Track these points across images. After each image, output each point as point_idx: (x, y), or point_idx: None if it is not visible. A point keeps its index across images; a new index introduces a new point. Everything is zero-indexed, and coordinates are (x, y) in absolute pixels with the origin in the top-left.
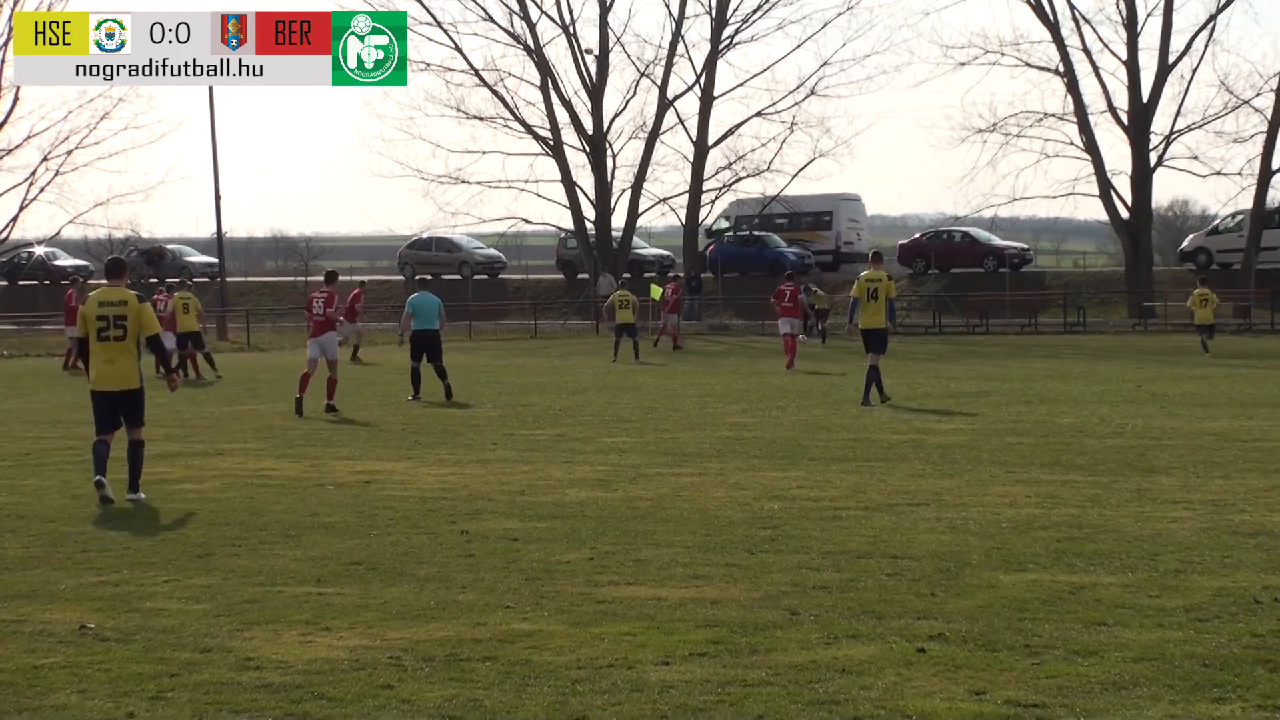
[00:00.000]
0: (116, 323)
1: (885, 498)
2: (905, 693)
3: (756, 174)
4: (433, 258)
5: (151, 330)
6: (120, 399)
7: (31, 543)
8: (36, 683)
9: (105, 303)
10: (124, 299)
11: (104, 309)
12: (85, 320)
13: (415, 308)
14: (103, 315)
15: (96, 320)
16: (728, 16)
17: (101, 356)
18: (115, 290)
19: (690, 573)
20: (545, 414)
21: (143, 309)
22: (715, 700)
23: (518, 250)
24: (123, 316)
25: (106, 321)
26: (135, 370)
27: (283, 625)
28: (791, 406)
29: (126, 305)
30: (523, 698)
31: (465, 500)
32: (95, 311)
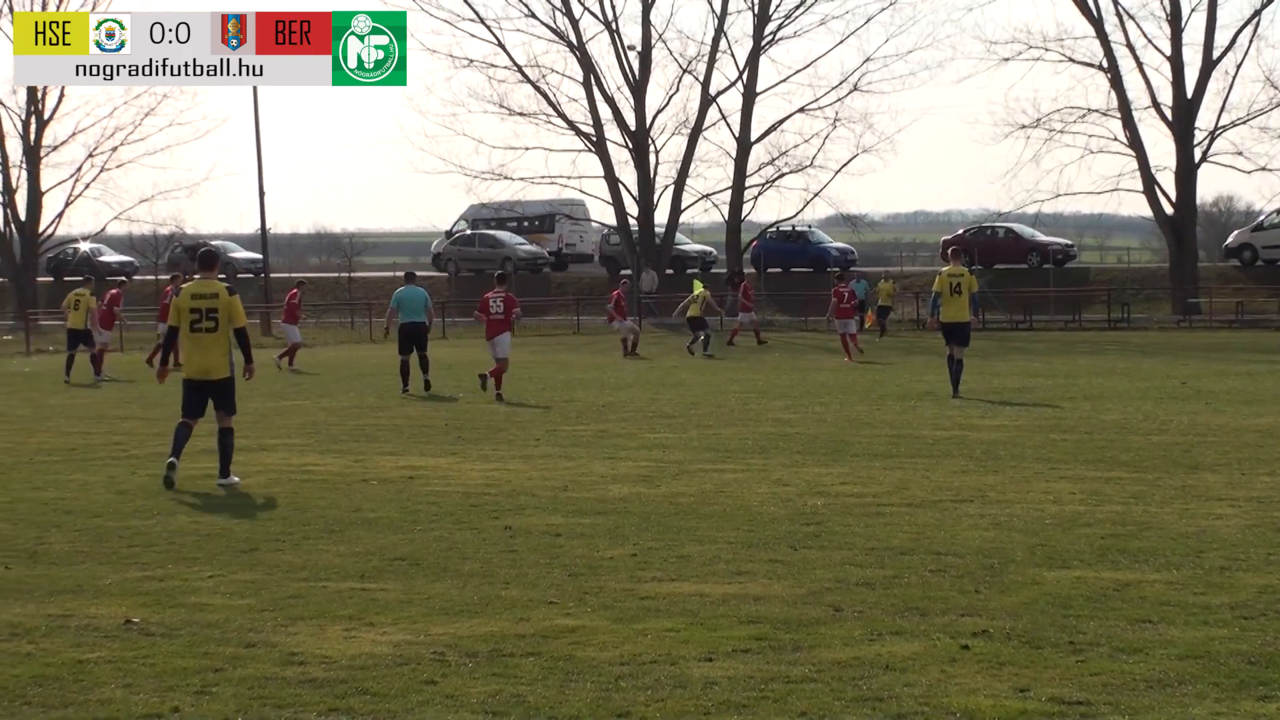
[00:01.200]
0: (209, 314)
1: (929, 494)
2: (949, 690)
3: (799, 170)
4: (476, 254)
5: (239, 322)
6: (211, 388)
7: (77, 538)
8: (82, 677)
9: (198, 295)
10: (215, 291)
11: (196, 301)
12: (179, 312)
13: (401, 301)
14: (195, 308)
15: (190, 312)
16: (770, 12)
17: (194, 347)
18: (207, 283)
19: (733, 569)
20: (588, 410)
21: (233, 301)
22: (758, 697)
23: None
24: (214, 309)
25: (199, 314)
26: (226, 360)
27: (327, 620)
28: (834, 402)
29: (218, 298)
30: (566, 693)
31: (508, 496)
32: (188, 304)
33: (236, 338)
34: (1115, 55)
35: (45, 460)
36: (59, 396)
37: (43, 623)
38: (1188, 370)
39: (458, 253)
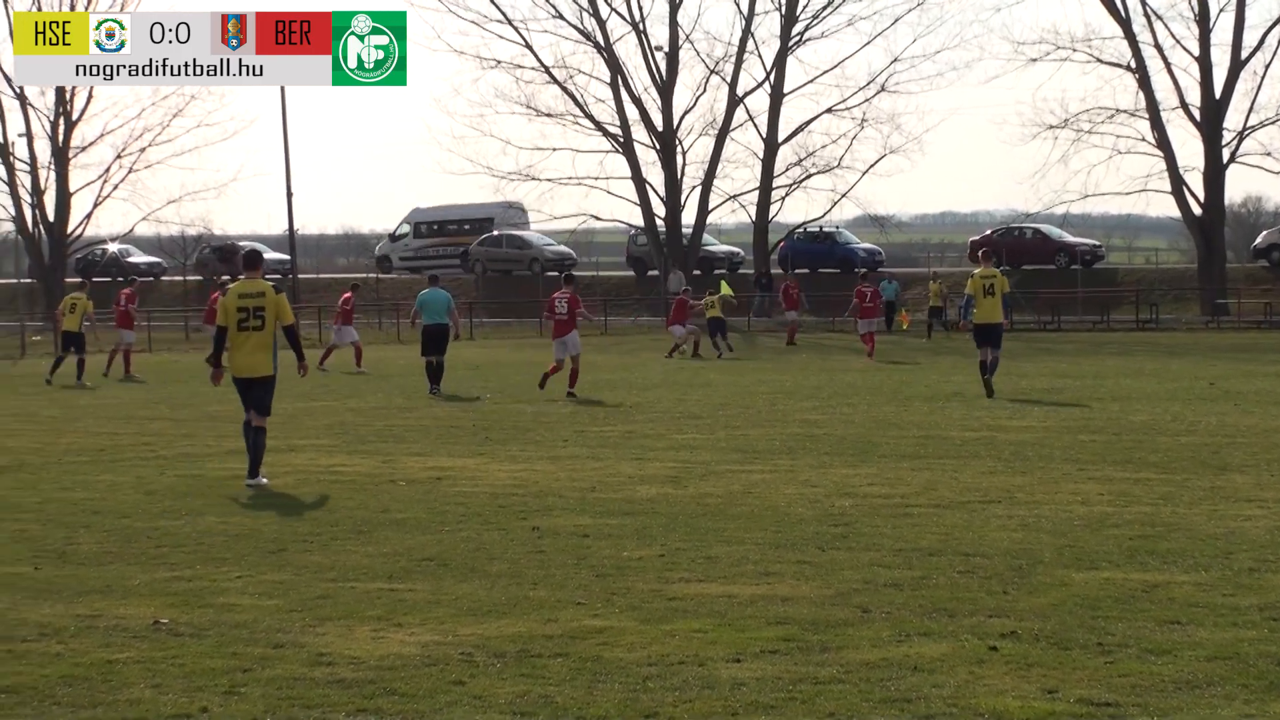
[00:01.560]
0: (256, 313)
1: (957, 495)
2: (977, 691)
3: (827, 170)
4: (503, 254)
5: (288, 320)
6: (254, 384)
7: (106, 538)
8: (111, 677)
9: (245, 294)
10: (262, 290)
11: (244, 300)
12: (226, 312)
13: (424, 303)
14: (243, 307)
15: (237, 312)
16: (797, 13)
17: (241, 346)
18: (253, 283)
19: (761, 570)
20: (616, 410)
21: (279, 299)
22: (786, 698)
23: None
24: (261, 308)
25: (246, 313)
26: (270, 359)
27: (355, 621)
28: (862, 403)
29: (264, 296)
30: (594, 694)
31: (536, 497)
32: (236, 304)
33: (286, 335)
34: (1143, 56)
35: (74, 461)
36: (88, 397)
37: (72, 623)
38: (1216, 371)
39: (485, 253)
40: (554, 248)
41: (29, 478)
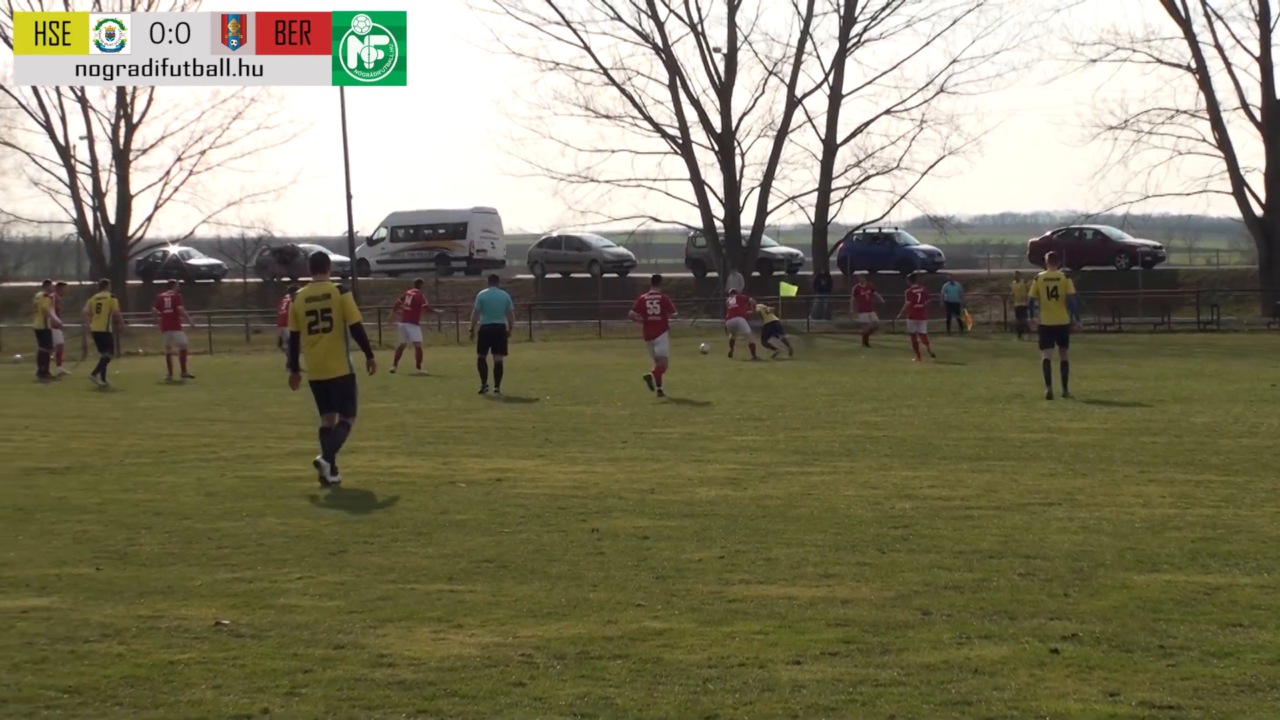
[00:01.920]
0: (323, 315)
1: (1017, 497)
2: (1038, 693)
3: (885, 171)
4: (562, 256)
5: (354, 319)
6: (331, 387)
7: (167, 539)
8: (172, 678)
9: (312, 298)
10: (328, 292)
11: (311, 303)
12: (296, 316)
13: (483, 304)
14: (311, 310)
15: (306, 315)
16: (856, 14)
17: (313, 349)
18: (320, 285)
19: (821, 572)
20: (675, 412)
21: (345, 299)
22: (847, 700)
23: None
24: (328, 309)
25: (315, 315)
26: (344, 359)
27: (415, 622)
28: (922, 405)
29: (330, 298)
30: (654, 696)
31: (596, 498)
32: (304, 307)
33: (354, 335)
34: (1204, 56)
35: (135, 462)
36: (149, 399)
37: (133, 624)
38: (1278, 373)
39: (544, 255)
40: (613, 249)
41: (91, 479)
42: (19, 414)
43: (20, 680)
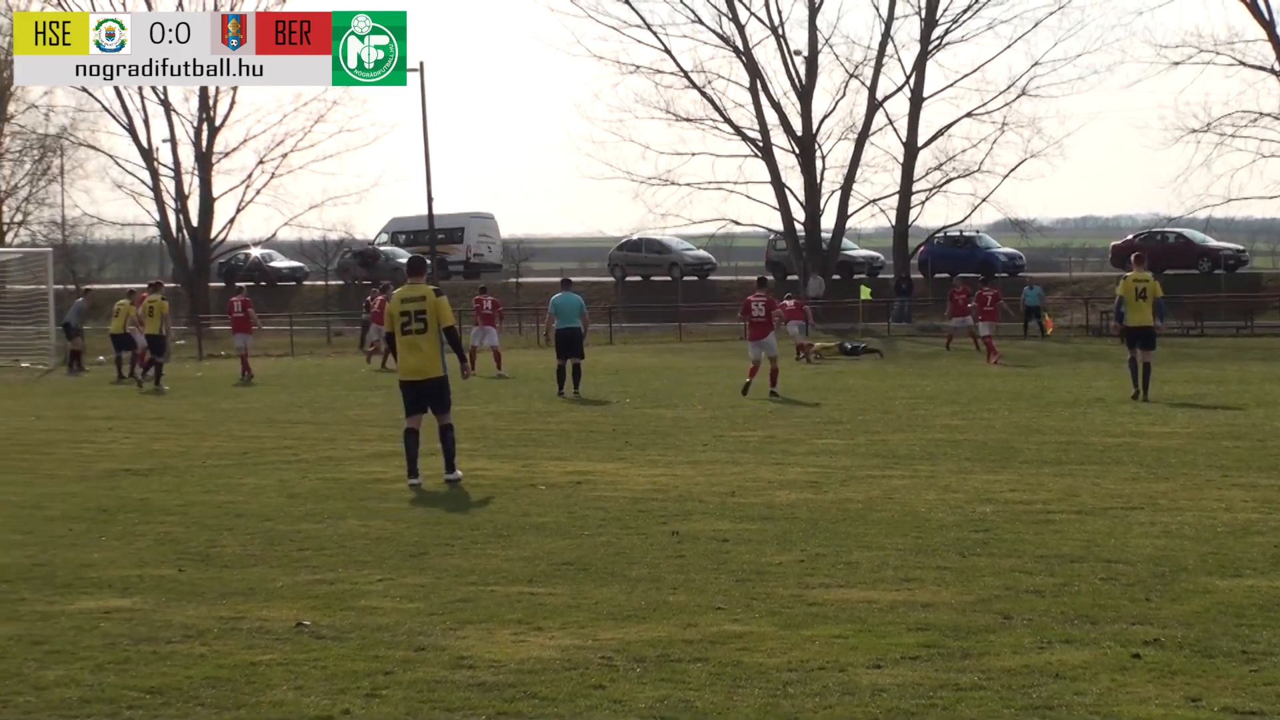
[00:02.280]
0: (417, 316)
1: (1099, 501)
2: (1120, 698)
3: (967, 174)
4: (642, 259)
5: (448, 322)
6: (424, 388)
7: (249, 541)
8: (254, 679)
9: (407, 299)
10: (423, 294)
11: (406, 305)
12: (391, 317)
13: (557, 308)
14: (405, 311)
15: (400, 316)
16: (937, 17)
17: (406, 348)
18: (415, 287)
19: (901, 575)
20: (755, 415)
21: (440, 302)
22: (927, 704)
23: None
24: (422, 311)
25: (409, 316)
26: (438, 361)
27: (495, 624)
28: (1003, 408)
29: (425, 300)
30: (734, 699)
31: (676, 501)
32: (399, 308)
33: (447, 337)
34: None
35: (217, 464)
36: (230, 401)
37: (215, 625)
38: None
39: (624, 258)
40: (693, 252)
41: (173, 481)
42: (102, 416)
43: (103, 681)
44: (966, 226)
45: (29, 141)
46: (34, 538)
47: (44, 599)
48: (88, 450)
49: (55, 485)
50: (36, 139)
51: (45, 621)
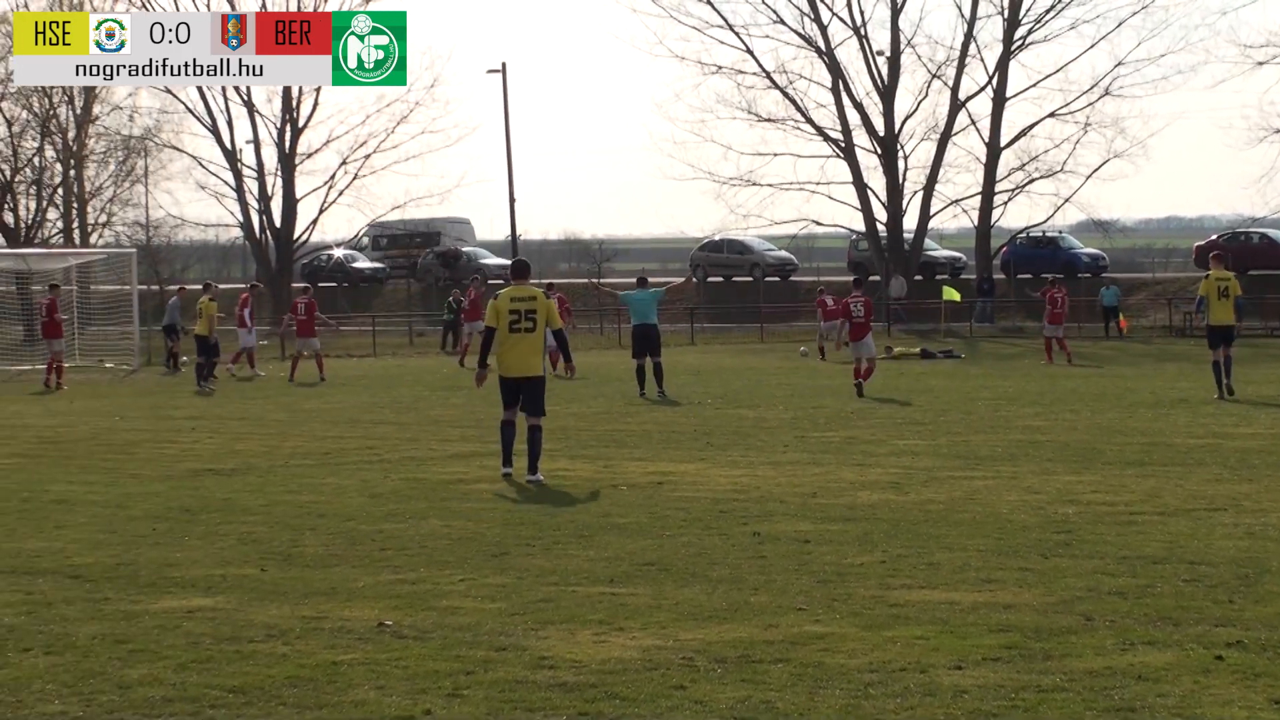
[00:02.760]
0: (527, 316)
1: (1182, 502)
2: (1203, 700)
3: (1049, 175)
4: (724, 260)
5: (557, 324)
6: (524, 386)
7: (331, 541)
8: (336, 679)
9: (517, 298)
10: (533, 295)
11: (515, 304)
12: (498, 314)
13: (630, 302)
14: (514, 310)
15: (509, 314)
16: (1020, 17)
17: (511, 346)
18: (525, 288)
19: (983, 577)
20: (836, 416)
21: (550, 304)
22: (1009, 706)
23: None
24: (533, 311)
25: (518, 315)
26: (539, 360)
27: (577, 625)
28: (1085, 409)
29: (536, 300)
30: (815, 700)
31: (757, 502)
32: (508, 306)
33: (556, 338)
34: None
35: (300, 464)
36: (313, 401)
37: (298, 624)
38: None
39: (706, 259)
40: (775, 253)
41: (256, 480)
42: (185, 416)
43: (186, 680)
44: (1049, 227)
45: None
46: (118, 537)
47: (128, 598)
48: (171, 450)
49: (139, 485)
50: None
51: (129, 621)
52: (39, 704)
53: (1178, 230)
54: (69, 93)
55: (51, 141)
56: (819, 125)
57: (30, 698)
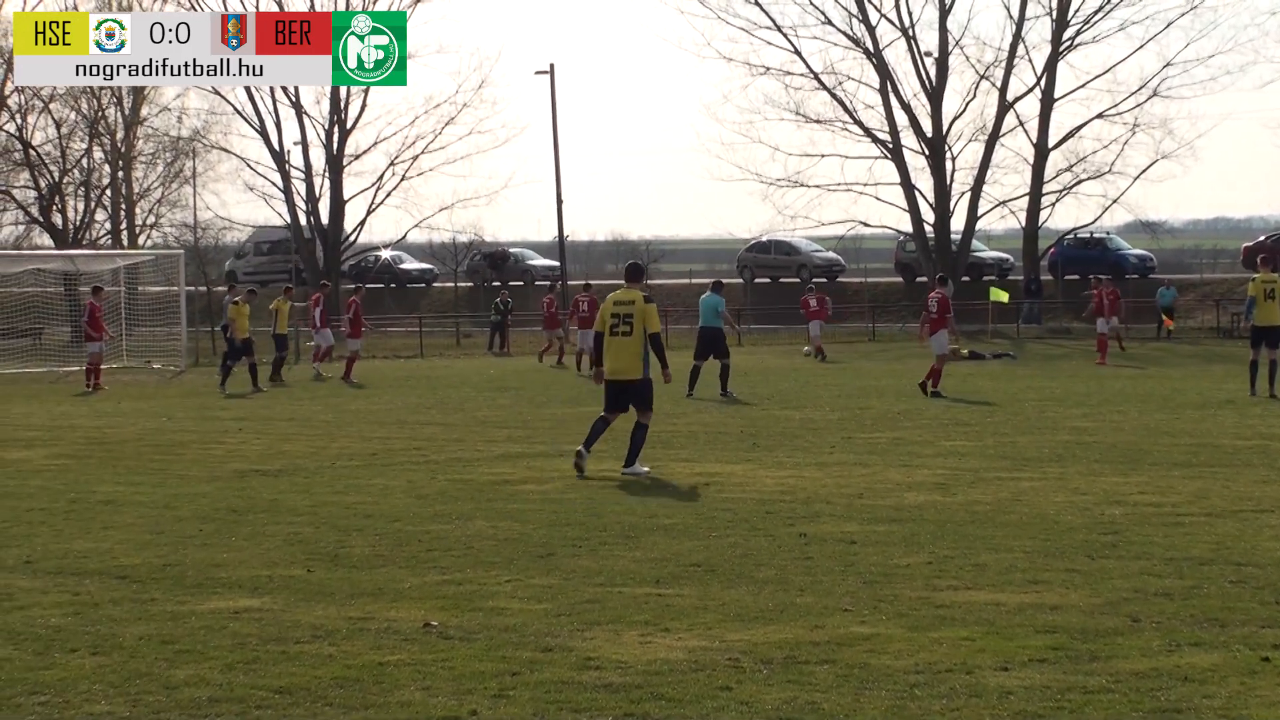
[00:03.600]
0: (625, 320)
1: (1229, 504)
2: (1249, 702)
3: (1098, 176)
4: (771, 260)
5: (654, 328)
6: (625, 387)
7: (378, 541)
8: (382, 679)
9: (619, 302)
10: (633, 299)
11: (617, 308)
12: (602, 319)
13: (701, 305)
14: (615, 313)
15: (610, 318)
16: (1069, 18)
17: (610, 349)
18: (628, 291)
19: (1029, 578)
20: (883, 417)
21: (648, 308)
22: (1055, 707)
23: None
24: (630, 314)
25: (618, 319)
26: (639, 363)
27: (623, 626)
28: (1132, 410)
29: (634, 304)
30: (860, 701)
31: (803, 503)
32: (610, 310)
33: (651, 342)
34: None
35: (346, 465)
36: (359, 402)
37: (344, 625)
38: None
39: (753, 260)
40: (822, 254)
41: (303, 481)
42: (232, 417)
43: (233, 680)
44: (1097, 228)
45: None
46: (164, 538)
47: (174, 599)
48: (218, 451)
49: (186, 486)
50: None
51: (175, 621)
52: (85, 704)
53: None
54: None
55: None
56: (867, 126)
57: (77, 698)
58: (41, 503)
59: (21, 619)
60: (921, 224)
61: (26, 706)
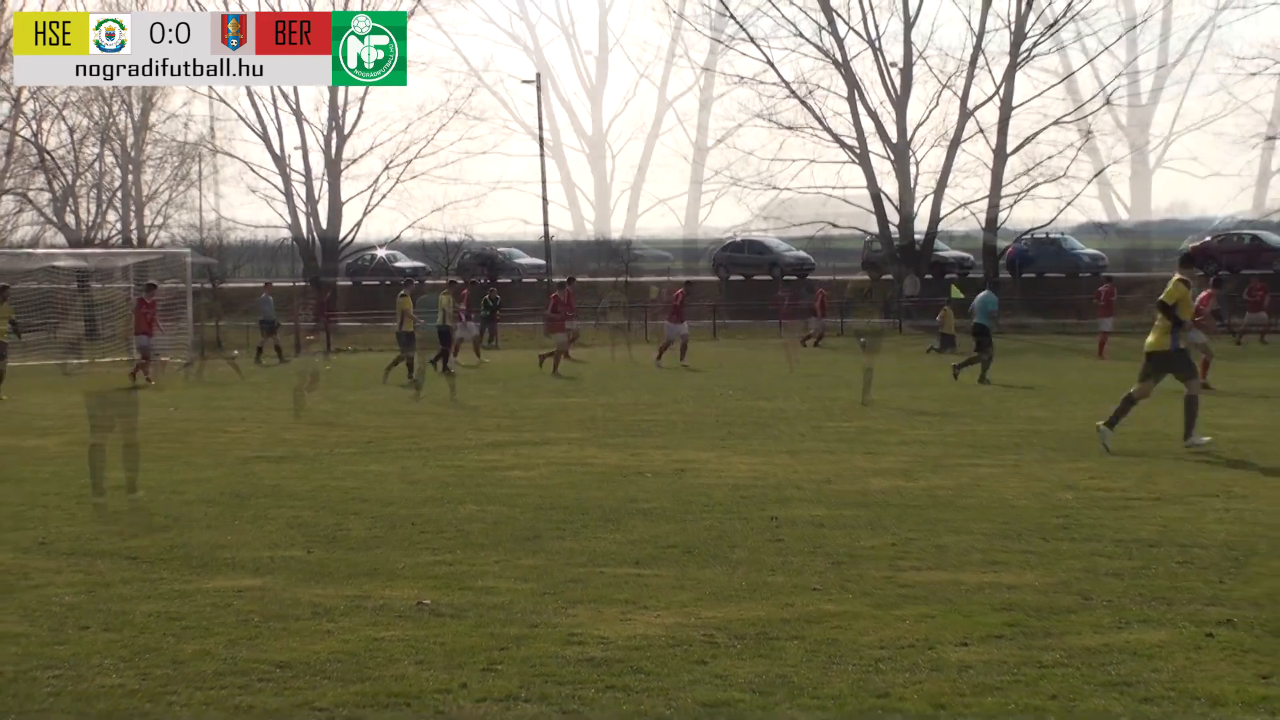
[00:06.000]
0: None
1: (1175, 489)
2: (1194, 676)
3: (1053, 179)
4: (745, 259)
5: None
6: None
7: (373, 524)
8: (378, 654)
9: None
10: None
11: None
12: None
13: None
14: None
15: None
16: (1026, 30)
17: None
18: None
19: (987, 559)
20: (851, 407)
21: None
22: (1011, 680)
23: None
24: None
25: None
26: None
27: (604, 604)
28: (1085, 401)
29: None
30: (829, 675)
31: (775, 488)
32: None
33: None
34: None
35: (344, 452)
36: (357, 393)
37: (341, 603)
38: None
39: (728, 258)
40: (793, 253)
41: (303, 467)
42: (236, 406)
43: (236, 654)
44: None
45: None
46: (172, 521)
47: (181, 578)
48: (222, 439)
49: (192, 471)
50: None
51: (182, 599)
52: (98, 677)
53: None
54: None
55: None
56: (836, 133)
57: (90, 671)
58: (55, 488)
59: (37, 597)
60: (887, 225)
61: (42, 680)
